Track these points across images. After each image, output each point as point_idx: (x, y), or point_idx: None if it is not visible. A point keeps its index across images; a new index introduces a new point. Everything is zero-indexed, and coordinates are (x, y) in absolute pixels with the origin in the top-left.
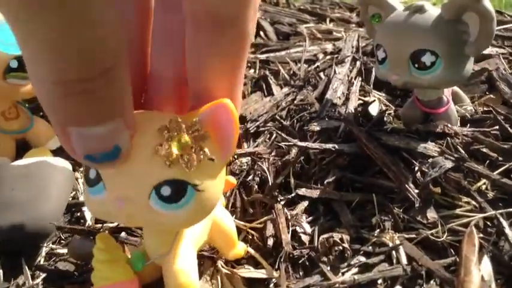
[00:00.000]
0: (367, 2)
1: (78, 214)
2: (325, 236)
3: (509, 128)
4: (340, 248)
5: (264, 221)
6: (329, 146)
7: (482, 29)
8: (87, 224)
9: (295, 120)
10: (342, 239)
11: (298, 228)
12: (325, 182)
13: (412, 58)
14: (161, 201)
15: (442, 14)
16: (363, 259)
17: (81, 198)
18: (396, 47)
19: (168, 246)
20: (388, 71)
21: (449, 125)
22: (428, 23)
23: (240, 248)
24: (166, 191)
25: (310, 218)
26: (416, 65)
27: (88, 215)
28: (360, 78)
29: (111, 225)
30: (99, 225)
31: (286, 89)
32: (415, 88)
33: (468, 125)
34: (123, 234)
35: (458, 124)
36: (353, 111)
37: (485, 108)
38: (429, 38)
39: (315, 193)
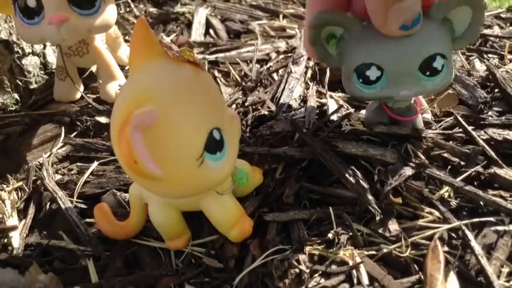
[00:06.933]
0: (324, 23)
1: (5, 241)
2: (280, 257)
3: (471, 131)
4: (297, 270)
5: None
6: (279, 150)
7: (475, 20)
8: (14, 253)
9: (244, 123)
10: (298, 260)
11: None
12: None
13: (423, 66)
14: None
15: (431, 14)
16: (321, 281)
17: (8, 223)
18: (403, 59)
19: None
20: (389, 88)
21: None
22: (429, 26)
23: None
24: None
25: (263, 237)
26: (428, 72)
27: (16, 241)
28: (315, 79)
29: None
30: (29, 251)
31: (230, 90)
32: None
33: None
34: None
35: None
36: (311, 114)
37: (443, 110)
38: (437, 41)
39: (279, 217)
